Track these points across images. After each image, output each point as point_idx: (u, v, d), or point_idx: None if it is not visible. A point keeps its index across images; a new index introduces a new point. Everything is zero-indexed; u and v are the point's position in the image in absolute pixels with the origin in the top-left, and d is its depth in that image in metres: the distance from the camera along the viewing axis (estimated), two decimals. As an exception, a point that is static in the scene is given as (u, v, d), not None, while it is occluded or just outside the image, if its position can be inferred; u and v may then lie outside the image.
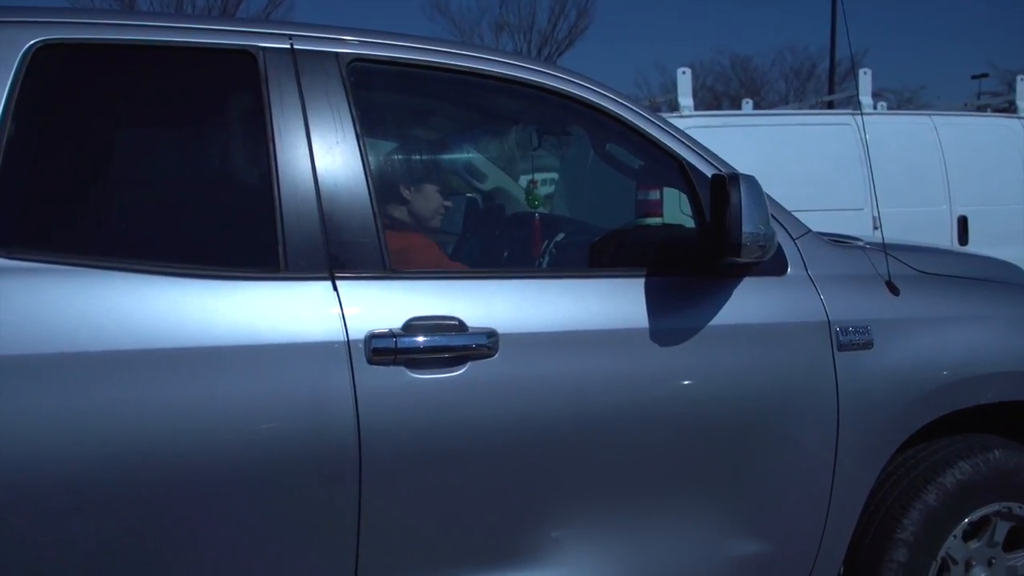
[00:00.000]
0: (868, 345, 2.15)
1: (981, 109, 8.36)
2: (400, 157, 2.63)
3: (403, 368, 1.78)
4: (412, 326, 1.81)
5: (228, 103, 1.99)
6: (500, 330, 1.86)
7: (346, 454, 1.72)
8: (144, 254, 1.73)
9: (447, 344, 1.83)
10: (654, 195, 2.43)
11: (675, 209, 2.39)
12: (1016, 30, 39.49)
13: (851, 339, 2.13)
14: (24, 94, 1.66)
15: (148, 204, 1.90)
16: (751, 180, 1.96)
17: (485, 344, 1.84)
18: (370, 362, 1.76)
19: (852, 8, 2.94)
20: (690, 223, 2.21)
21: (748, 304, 2.07)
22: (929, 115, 6.74)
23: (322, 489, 1.74)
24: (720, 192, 1.95)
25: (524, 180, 3.26)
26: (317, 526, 1.74)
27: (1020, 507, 2.32)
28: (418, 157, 2.70)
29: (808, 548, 2.15)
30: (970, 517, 2.28)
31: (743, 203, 1.92)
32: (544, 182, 4.10)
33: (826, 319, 2.12)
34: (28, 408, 1.54)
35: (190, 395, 1.63)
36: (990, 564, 2.34)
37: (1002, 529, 2.34)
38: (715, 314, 2.04)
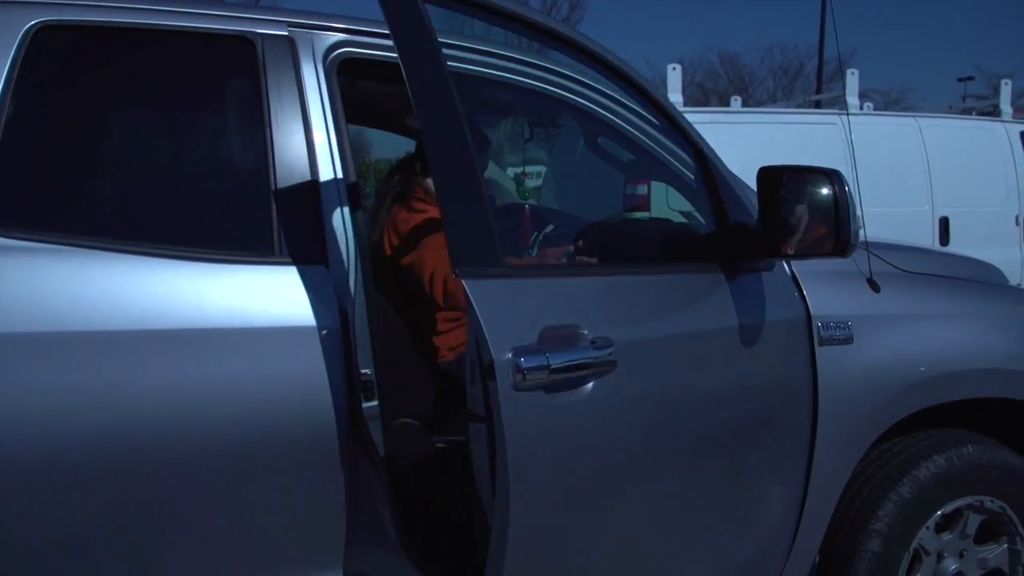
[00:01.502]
0: (848, 340, 2.18)
1: (966, 112, 8.43)
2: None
3: (542, 392, 1.64)
4: (546, 336, 1.66)
5: (226, 87, 2.00)
6: (616, 339, 1.75)
7: (333, 439, 1.73)
8: (140, 236, 1.73)
9: (582, 360, 1.70)
10: (642, 189, 2.46)
11: (662, 203, 2.42)
12: (1002, 33, 39.81)
13: (832, 334, 2.17)
14: (23, 75, 1.67)
15: (145, 186, 1.91)
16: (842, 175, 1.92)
17: (609, 357, 1.72)
18: (516, 388, 1.59)
19: (840, 8, 2.97)
20: (677, 218, 2.24)
21: (748, 300, 2.08)
22: (914, 117, 6.83)
23: (319, 474, 1.74)
24: (800, 186, 1.89)
25: (512, 172, 3.27)
26: (309, 510, 1.76)
27: (991, 501, 2.38)
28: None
29: (784, 537, 2.19)
30: (943, 510, 2.33)
31: (849, 199, 1.87)
32: (531, 175, 4.11)
33: (807, 314, 2.16)
34: (21, 386, 1.55)
35: (183, 376, 1.64)
36: (961, 556, 2.39)
37: (974, 522, 2.39)
38: (734, 311, 2.03)
